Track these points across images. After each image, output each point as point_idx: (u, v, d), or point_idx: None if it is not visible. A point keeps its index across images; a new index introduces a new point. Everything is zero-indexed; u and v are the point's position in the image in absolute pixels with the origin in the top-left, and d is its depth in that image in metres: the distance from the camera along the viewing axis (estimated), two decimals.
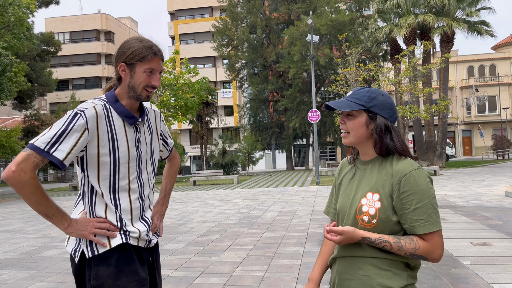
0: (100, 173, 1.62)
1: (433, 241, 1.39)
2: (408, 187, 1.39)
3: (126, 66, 1.65)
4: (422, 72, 23.27)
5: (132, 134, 1.69)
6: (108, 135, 1.61)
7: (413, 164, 1.44)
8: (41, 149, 1.49)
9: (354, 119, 1.49)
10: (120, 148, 1.63)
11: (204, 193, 17.08)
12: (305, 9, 33.80)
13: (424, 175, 1.42)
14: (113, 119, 1.63)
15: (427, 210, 1.38)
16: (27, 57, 31.99)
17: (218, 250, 6.18)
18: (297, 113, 32.56)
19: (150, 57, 1.65)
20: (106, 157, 1.61)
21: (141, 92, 1.66)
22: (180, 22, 50.81)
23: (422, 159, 25.71)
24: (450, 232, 6.70)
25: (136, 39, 1.68)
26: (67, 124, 1.53)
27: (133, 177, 1.68)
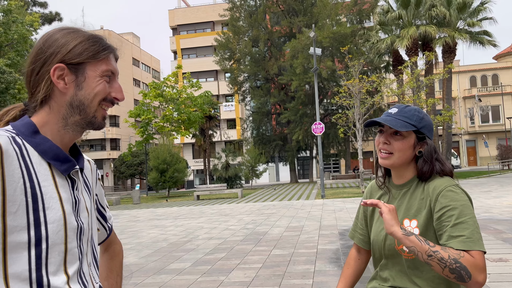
0: (7, 268, 0.85)
1: (477, 264, 1.19)
2: (446, 202, 1.28)
3: (68, 69, 0.96)
4: (425, 83, 23.24)
5: (67, 190, 0.96)
6: (25, 191, 0.87)
7: (451, 180, 1.34)
8: None
9: (403, 139, 1.37)
10: (49, 213, 0.90)
11: (208, 207, 16.91)
12: (306, 22, 34.00)
13: (464, 192, 1.32)
14: (32, 163, 0.91)
15: (469, 227, 1.23)
16: None
17: (226, 270, 6.01)
18: (300, 125, 32.50)
19: (107, 53, 1.02)
20: (22, 234, 0.86)
21: (96, 110, 0.98)
22: (182, 36, 51.20)
23: None
24: None
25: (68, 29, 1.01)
26: None
27: (73, 270, 0.94)
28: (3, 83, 17.38)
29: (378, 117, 1.40)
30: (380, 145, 1.40)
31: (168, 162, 26.85)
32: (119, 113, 52.12)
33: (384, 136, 1.40)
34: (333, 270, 5.62)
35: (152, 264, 6.72)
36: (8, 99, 18.09)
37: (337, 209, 13.22)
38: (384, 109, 34.04)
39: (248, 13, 36.25)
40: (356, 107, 20.70)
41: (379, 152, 1.42)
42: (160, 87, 30.78)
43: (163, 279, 5.67)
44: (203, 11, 50.97)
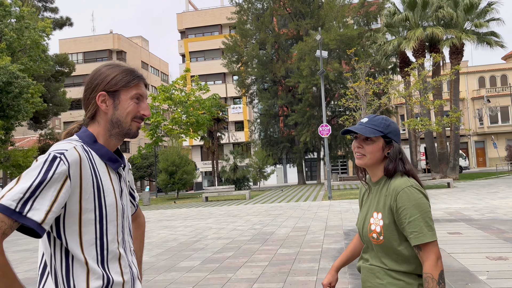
0: (82, 237, 1.21)
1: (428, 251, 1.50)
2: (401, 203, 1.54)
3: (108, 95, 1.32)
4: (432, 85, 23.28)
5: (117, 182, 1.34)
6: (93, 184, 1.23)
7: (407, 181, 1.58)
8: (11, 210, 1.07)
9: (373, 143, 1.63)
10: (107, 200, 1.27)
11: (216, 209, 17.16)
12: (313, 24, 34.18)
13: (416, 191, 1.55)
14: (96, 164, 1.27)
15: (419, 224, 1.51)
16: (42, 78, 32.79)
17: (233, 267, 6.24)
18: (307, 127, 32.65)
19: (136, 82, 1.36)
20: (90, 213, 1.22)
21: (130, 125, 1.34)
22: (190, 40, 51.66)
23: (435, 171, 25.51)
24: (465, 247, 6.68)
25: (110, 65, 1.38)
26: (44, 172, 1.13)
27: (121, 238, 1.32)
28: (17, 87, 17.82)
29: (352, 126, 1.66)
30: (355, 149, 1.67)
31: (177, 164, 27.18)
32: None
33: (358, 141, 1.66)
34: None
35: (163, 263, 6.97)
36: (22, 103, 18.53)
37: (344, 210, 13.38)
38: (391, 111, 34.07)
39: (255, 16, 36.53)
40: (363, 108, 20.83)
41: (355, 154, 1.68)
42: (169, 90, 31.16)
43: (173, 276, 5.92)
44: (210, 15, 51.39)
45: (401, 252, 1.59)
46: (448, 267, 5.48)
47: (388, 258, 1.61)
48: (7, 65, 17.58)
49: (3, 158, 20.21)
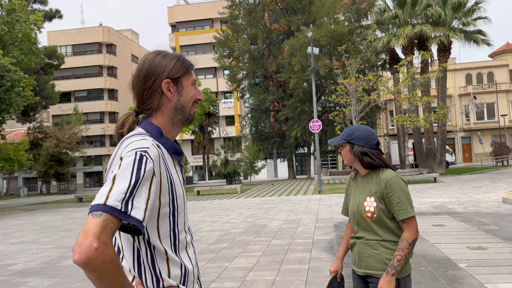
0: (160, 230, 1.27)
1: (410, 224, 2.07)
2: (391, 189, 2.10)
3: (172, 82, 1.34)
4: (420, 82, 23.75)
5: (181, 174, 1.39)
6: (167, 178, 1.27)
7: (392, 173, 2.15)
8: (118, 210, 1.11)
9: (343, 148, 2.25)
10: (177, 192, 1.31)
11: (209, 202, 17.43)
12: (304, 20, 34.43)
13: (400, 180, 2.12)
14: (165, 158, 1.29)
15: (404, 203, 2.07)
16: (31, 71, 32.58)
17: (229, 257, 6.54)
18: (298, 122, 32.99)
19: (192, 67, 1.41)
20: (166, 207, 1.27)
21: (191, 109, 1.40)
22: (181, 34, 51.53)
23: (422, 166, 26.08)
24: (448, 238, 7.07)
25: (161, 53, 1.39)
26: (136, 171, 1.16)
27: (187, 227, 1.40)
28: (8, 81, 17.80)
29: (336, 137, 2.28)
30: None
31: None
32: (118, 109, 52.49)
33: (340, 148, 2.30)
34: (327, 257, 6.16)
35: None
36: (13, 97, 18.52)
37: (333, 203, 13.76)
38: (380, 106, 34.56)
39: (247, 11, 36.63)
40: (353, 105, 21.21)
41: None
42: None
43: None
44: (202, 9, 51.28)
45: (389, 225, 2.12)
46: (431, 256, 5.85)
47: (381, 230, 2.14)
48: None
49: None
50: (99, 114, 51.93)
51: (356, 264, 2.23)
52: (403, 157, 26.62)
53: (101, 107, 51.57)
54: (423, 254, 6.02)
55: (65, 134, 39.61)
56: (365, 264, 2.17)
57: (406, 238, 2.05)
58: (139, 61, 1.44)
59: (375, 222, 2.14)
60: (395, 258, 2.03)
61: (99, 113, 51.88)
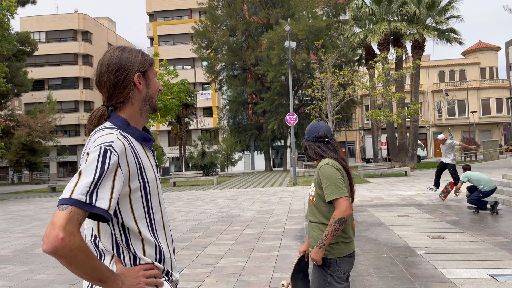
0: (135, 213, 1.39)
1: (339, 204, 2.31)
2: (321, 175, 2.39)
3: (142, 75, 1.46)
4: (394, 77, 24.34)
5: (152, 158, 1.51)
6: (136, 166, 1.38)
7: (327, 160, 2.43)
8: (83, 202, 1.22)
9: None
10: (149, 176, 1.43)
11: (184, 193, 17.53)
12: (283, 13, 34.59)
13: (329, 166, 2.38)
14: (135, 147, 1.41)
15: (330, 187, 2.33)
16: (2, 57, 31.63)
17: (202, 245, 6.73)
18: (275, 115, 33.28)
19: (153, 61, 1.52)
20: (137, 192, 1.39)
21: (155, 100, 1.52)
22: (159, 23, 50.87)
23: (395, 161, 26.81)
24: (411, 227, 7.45)
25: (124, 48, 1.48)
26: (101, 165, 1.27)
27: (163, 208, 1.52)
28: None
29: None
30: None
31: None
32: (94, 98, 51.58)
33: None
34: (296, 245, 6.43)
35: None
36: None
37: (307, 195, 14.10)
38: (356, 101, 35.18)
39: (226, 2, 36.50)
40: (329, 99, 21.59)
41: None
42: None
43: None
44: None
45: (323, 209, 2.42)
46: (394, 244, 6.19)
47: (318, 213, 2.45)
48: None
49: None
50: (74, 103, 50.92)
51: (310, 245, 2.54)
52: (377, 151, 27.28)
53: (76, 96, 50.55)
54: (386, 242, 6.36)
55: (38, 122, 38.71)
56: (310, 245, 2.47)
57: (334, 216, 2.30)
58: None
59: (314, 205, 2.45)
60: (324, 233, 2.31)
61: (74, 102, 50.86)
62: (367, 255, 5.64)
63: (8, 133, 39.59)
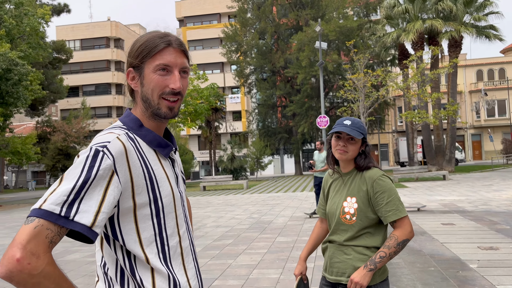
0: (141, 235, 1.10)
1: (403, 224, 1.89)
2: (378, 188, 1.91)
3: (134, 70, 1.16)
4: (430, 77, 23.41)
5: (170, 169, 1.20)
6: (145, 176, 1.10)
7: (379, 171, 1.97)
8: (56, 215, 0.95)
9: (355, 143, 1.98)
10: (162, 190, 1.14)
11: (214, 198, 17.36)
12: (313, 15, 34.11)
13: (388, 179, 1.94)
14: (144, 152, 1.13)
15: (395, 203, 1.89)
16: (39, 65, 32.68)
17: (233, 254, 6.43)
18: (305, 118, 32.78)
19: (160, 48, 1.14)
20: (146, 208, 1.10)
21: (159, 103, 1.15)
22: (188, 28, 51.40)
23: (431, 164, 25.76)
24: (458, 237, 6.89)
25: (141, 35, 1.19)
26: (87, 169, 1.00)
27: (183, 230, 1.21)
28: (16, 75, 17.82)
29: (342, 128, 1.95)
30: (339, 147, 1.99)
31: None
32: (126, 104, 52.62)
33: (343, 141, 1.98)
34: None
35: None
36: (21, 91, 18.55)
37: None
38: (389, 102, 34.21)
39: (255, 5, 36.40)
40: (361, 100, 20.97)
41: (336, 150, 2.00)
42: None
43: None
44: (209, 3, 51.06)
45: (369, 230, 1.94)
46: (441, 256, 5.69)
47: (357, 236, 1.95)
48: (6, 52, 17.56)
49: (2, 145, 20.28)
50: (107, 108, 52.12)
51: (327, 270, 2.05)
52: (412, 154, 26.32)
53: (109, 102, 51.74)
54: (432, 253, 5.86)
55: (73, 128, 39.79)
56: (336, 271, 1.99)
57: (396, 237, 1.87)
58: None
59: (353, 226, 1.95)
60: (378, 254, 1.85)
61: (107, 107, 52.07)
62: (413, 268, 5.18)
63: (45, 139, 40.89)
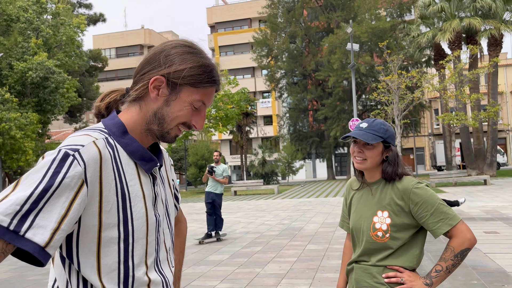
0: (101, 260, 0.94)
1: (459, 231, 1.59)
2: (418, 199, 1.63)
3: (166, 84, 1.02)
4: (469, 78, 22.45)
5: (149, 187, 1.04)
6: (117, 191, 0.95)
7: (413, 179, 1.69)
8: (3, 228, 0.81)
9: (374, 149, 1.68)
10: (134, 211, 0.98)
11: (245, 203, 17.23)
12: (344, 17, 33.59)
13: (425, 187, 1.66)
14: (121, 164, 0.98)
15: (442, 211, 1.60)
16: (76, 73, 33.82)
17: (261, 262, 6.23)
18: (337, 121, 32.24)
19: (208, 86, 1.04)
20: (113, 229, 0.95)
21: (171, 129, 1.04)
22: (219, 34, 51.87)
23: (471, 168, 24.65)
24: (502, 246, 6.41)
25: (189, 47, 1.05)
26: (51, 175, 0.86)
27: (151, 260, 1.03)
28: (53, 83, 18.42)
29: (352, 132, 1.69)
30: (355, 153, 1.71)
31: (206, 158, 27.45)
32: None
33: (358, 147, 1.70)
34: None
35: (192, 256, 7.04)
36: (58, 98, 19.14)
37: None
38: (424, 105, 33.12)
39: (285, 9, 36.26)
40: (395, 103, 20.34)
41: (354, 158, 1.72)
42: None
43: (202, 270, 5.96)
44: (240, 9, 51.38)
45: (404, 249, 1.66)
46: (484, 268, 5.27)
47: (390, 255, 1.66)
48: (43, 61, 18.19)
49: (41, 151, 21.00)
50: None
51: None
52: (450, 157, 25.29)
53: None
54: (474, 265, 5.44)
55: None
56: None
57: (452, 248, 1.59)
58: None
59: (386, 244, 1.66)
60: (435, 268, 1.61)
61: None
62: (454, 281, 4.80)
63: None
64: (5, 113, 15.76)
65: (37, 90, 19.06)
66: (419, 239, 1.69)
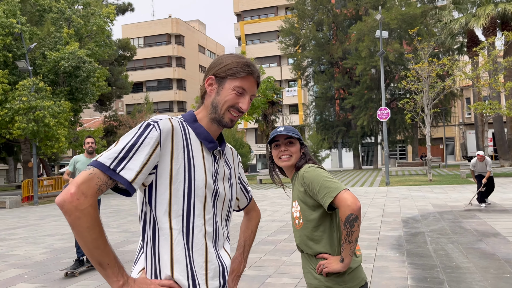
0: (171, 206, 1.26)
1: (340, 200, 1.73)
2: (308, 180, 1.84)
3: (215, 79, 1.38)
4: (503, 65, 21.60)
5: (210, 162, 1.36)
6: (184, 156, 1.28)
7: (306, 165, 1.91)
8: (106, 166, 1.16)
9: (294, 145, 1.95)
10: (197, 175, 1.30)
11: (271, 191, 17.30)
12: (373, 3, 32.79)
13: (313, 168, 1.86)
14: (190, 140, 1.32)
15: (324, 185, 1.78)
16: (106, 62, 34.48)
17: (288, 250, 6.28)
18: (365, 110, 31.72)
19: (243, 74, 1.37)
20: (180, 184, 1.27)
21: (224, 113, 1.36)
22: (246, 22, 51.65)
23: (504, 159, 23.87)
24: None
25: (232, 55, 1.42)
26: (137, 136, 1.21)
27: (209, 217, 1.33)
28: (84, 72, 18.86)
29: (274, 134, 1.93)
30: (280, 154, 1.95)
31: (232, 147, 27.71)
32: (187, 99, 54.14)
33: (282, 146, 1.95)
34: (395, 256, 5.67)
35: None
36: (89, 87, 19.61)
37: (402, 196, 12.95)
38: (455, 93, 32.14)
39: None
40: (425, 91, 19.83)
41: (278, 159, 1.95)
42: None
43: None
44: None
45: (316, 233, 1.85)
46: None
47: (307, 240, 1.87)
48: (75, 51, 18.62)
49: (73, 138, 21.66)
50: (168, 103, 53.95)
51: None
52: (482, 148, 24.55)
53: (170, 97, 53.49)
54: (507, 258, 5.32)
55: (137, 122, 41.65)
56: (307, 282, 1.92)
57: (341, 219, 1.74)
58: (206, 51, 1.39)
59: (302, 229, 1.90)
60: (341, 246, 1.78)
61: (168, 102, 53.89)
62: (485, 274, 4.72)
63: (112, 132, 43.25)
64: (39, 101, 16.30)
65: (69, 79, 19.58)
66: (329, 224, 1.85)
